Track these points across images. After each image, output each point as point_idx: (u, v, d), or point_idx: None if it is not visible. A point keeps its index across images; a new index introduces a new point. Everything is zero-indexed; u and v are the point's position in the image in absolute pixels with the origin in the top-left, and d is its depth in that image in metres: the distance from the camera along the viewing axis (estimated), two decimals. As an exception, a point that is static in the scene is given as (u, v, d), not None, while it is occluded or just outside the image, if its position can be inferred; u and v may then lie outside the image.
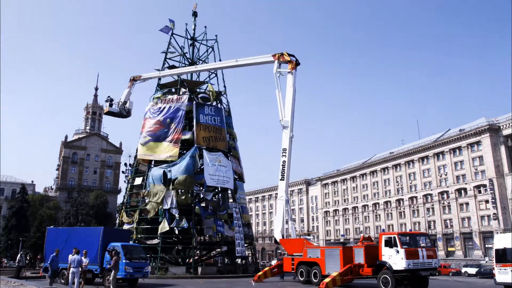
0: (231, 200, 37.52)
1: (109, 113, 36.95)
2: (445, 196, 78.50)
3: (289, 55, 27.54)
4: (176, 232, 32.10)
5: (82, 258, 17.79)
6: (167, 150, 34.07)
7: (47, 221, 64.50)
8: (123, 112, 36.87)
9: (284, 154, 26.60)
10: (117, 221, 39.26)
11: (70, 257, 17.55)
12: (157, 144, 34.65)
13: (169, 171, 32.35)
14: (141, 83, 39.20)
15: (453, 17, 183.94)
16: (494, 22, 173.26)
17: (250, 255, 38.94)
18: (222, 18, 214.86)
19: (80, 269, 17.40)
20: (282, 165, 26.57)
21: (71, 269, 17.20)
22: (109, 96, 37.07)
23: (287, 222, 26.63)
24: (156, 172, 33.11)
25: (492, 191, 68.41)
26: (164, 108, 35.65)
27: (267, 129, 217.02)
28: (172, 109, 35.32)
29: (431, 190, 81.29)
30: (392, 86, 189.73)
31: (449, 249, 76.63)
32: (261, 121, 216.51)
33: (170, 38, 40.61)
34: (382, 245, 18.84)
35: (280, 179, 26.78)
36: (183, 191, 33.64)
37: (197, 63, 42.53)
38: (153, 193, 32.34)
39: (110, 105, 36.64)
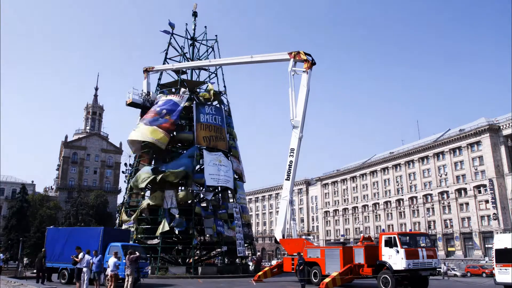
0: (231, 200, 37.52)
1: (132, 104, 35.65)
2: (445, 196, 78.54)
3: (306, 54, 27.08)
4: (176, 232, 32.10)
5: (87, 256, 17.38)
6: (155, 133, 32.76)
7: (47, 221, 64.41)
8: (147, 104, 35.98)
9: (291, 154, 26.24)
10: (117, 221, 39.23)
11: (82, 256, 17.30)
12: (147, 127, 33.26)
13: (167, 165, 32.32)
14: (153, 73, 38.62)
15: (453, 16, 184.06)
16: (494, 21, 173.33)
17: (250, 255, 38.94)
18: (222, 18, 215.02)
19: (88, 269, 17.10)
20: (289, 165, 26.27)
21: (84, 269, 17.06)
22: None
23: (289, 222, 26.58)
24: (149, 167, 33.18)
25: (492, 191, 68.44)
26: (163, 100, 35.47)
27: (267, 129, 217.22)
28: (171, 103, 34.98)
29: (431, 190, 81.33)
30: (392, 86, 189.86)
31: (449, 249, 76.68)
32: (261, 120, 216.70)
33: (170, 38, 40.67)
34: (382, 245, 18.85)
35: (286, 179, 26.56)
36: (182, 188, 33.61)
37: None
38: (140, 178, 32.23)
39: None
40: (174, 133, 35.31)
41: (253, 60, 31.62)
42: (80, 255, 16.97)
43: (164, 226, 31.00)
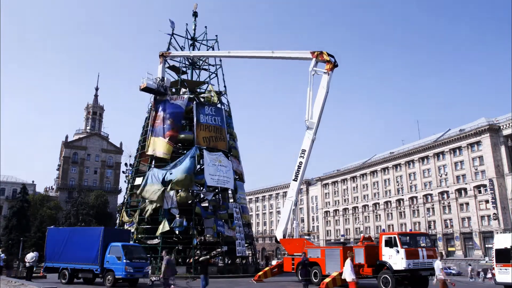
0: (231, 200, 37.55)
1: (146, 89, 35.01)
2: (445, 196, 78.55)
3: (329, 55, 26.39)
4: (177, 232, 32.15)
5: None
6: (162, 147, 34.03)
7: (47, 221, 64.58)
8: (161, 89, 35.37)
9: (302, 155, 25.91)
10: (118, 221, 39.28)
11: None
12: (155, 139, 34.66)
13: (171, 173, 32.38)
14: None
15: (453, 16, 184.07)
16: (494, 21, 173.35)
17: (250, 255, 39.02)
18: (222, 18, 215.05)
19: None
20: (298, 165, 26.03)
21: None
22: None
23: (291, 223, 26.57)
24: (156, 173, 33.19)
25: (492, 191, 68.44)
26: (165, 104, 35.68)
27: (269, 129, 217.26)
28: (173, 107, 35.34)
29: (431, 190, 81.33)
30: (392, 86, 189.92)
31: (449, 249, 76.70)
32: (262, 120, 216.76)
33: (171, 38, 40.71)
34: (382, 245, 18.88)
35: (293, 179, 26.40)
36: (182, 189, 33.72)
37: (197, 63, 42.56)
38: (150, 191, 32.35)
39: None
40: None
41: (274, 55, 30.69)
42: None
43: (165, 226, 31.07)
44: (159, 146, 34.28)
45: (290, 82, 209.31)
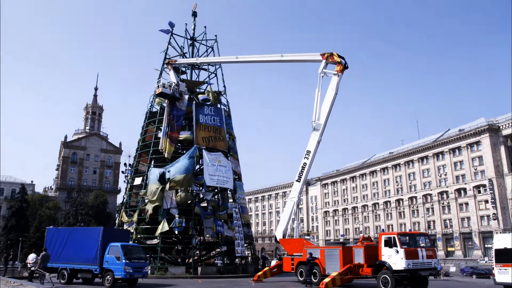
0: (231, 200, 37.49)
1: (161, 94, 34.91)
2: (444, 196, 78.56)
3: (339, 56, 25.96)
4: (176, 232, 32.10)
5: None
6: (166, 146, 34.03)
7: (46, 221, 64.49)
8: (176, 94, 35.15)
9: (307, 156, 25.77)
10: (117, 221, 39.24)
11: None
12: (164, 140, 34.42)
13: (168, 171, 32.35)
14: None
15: (453, 16, 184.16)
16: (494, 21, 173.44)
17: (249, 255, 38.96)
18: (222, 18, 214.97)
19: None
20: (302, 166, 25.84)
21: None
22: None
23: (292, 223, 26.49)
24: (154, 172, 33.18)
25: (492, 191, 68.48)
26: (167, 105, 35.66)
27: (267, 129, 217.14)
28: (173, 108, 35.32)
29: (431, 190, 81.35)
30: (392, 86, 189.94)
31: (449, 249, 76.72)
32: (263, 120, 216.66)
33: (170, 38, 40.67)
34: (381, 245, 18.85)
35: (296, 180, 26.26)
36: (182, 189, 33.69)
37: (197, 62, 42.47)
38: (150, 192, 32.37)
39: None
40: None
41: (283, 59, 30.26)
42: None
43: (164, 226, 31.02)
44: (165, 145, 34.18)
45: (291, 81, 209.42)
